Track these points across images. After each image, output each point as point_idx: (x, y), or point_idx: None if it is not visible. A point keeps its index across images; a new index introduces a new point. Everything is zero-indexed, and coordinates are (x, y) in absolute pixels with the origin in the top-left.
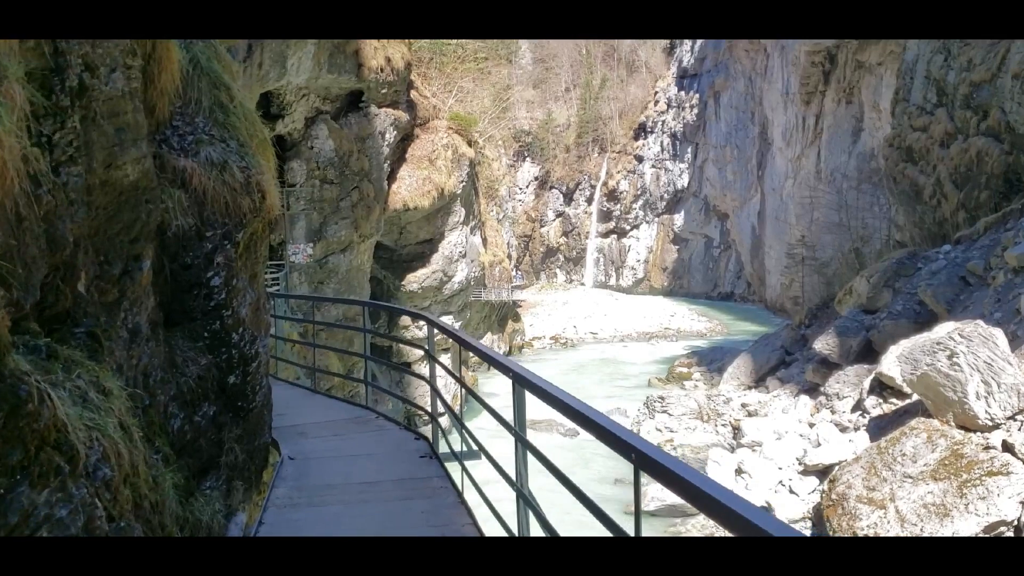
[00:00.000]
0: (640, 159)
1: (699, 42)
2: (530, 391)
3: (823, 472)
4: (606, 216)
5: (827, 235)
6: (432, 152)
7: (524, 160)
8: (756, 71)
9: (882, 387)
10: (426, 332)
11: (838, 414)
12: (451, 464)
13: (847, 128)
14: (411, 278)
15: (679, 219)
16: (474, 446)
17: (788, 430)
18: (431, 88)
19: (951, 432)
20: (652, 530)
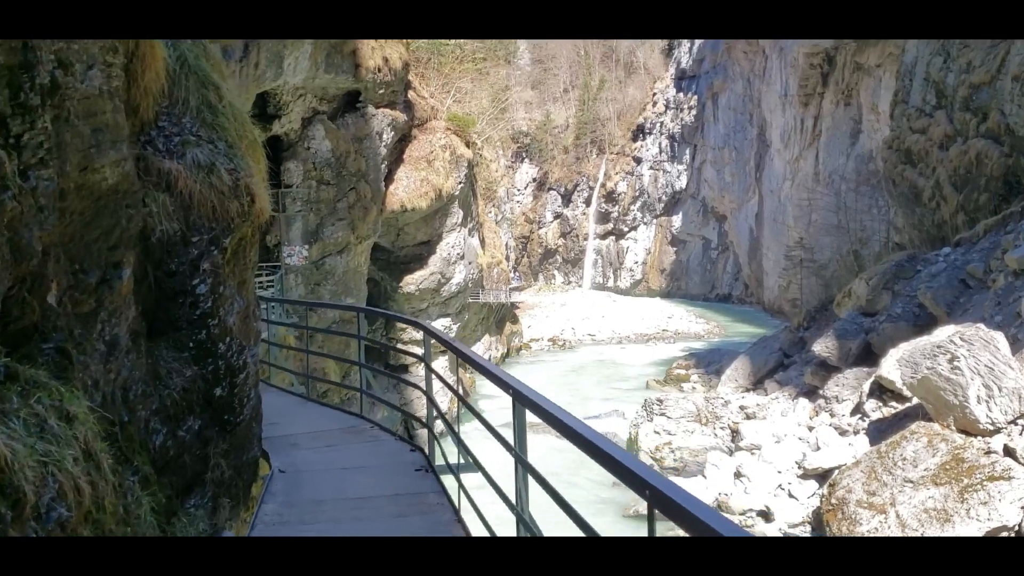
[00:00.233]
0: (638, 160)
1: (697, 43)
2: (531, 410)
3: (823, 476)
4: (604, 218)
5: (825, 237)
6: (430, 153)
7: (522, 161)
8: (754, 73)
9: (882, 390)
10: (423, 336)
11: (837, 417)
12: (448, 477)
13: (845, 130)
14: (408, 280)
15: (677, 221)
16: (471, 459)
17: (787, 433)
18: (429, 88)
19: (952, 436)
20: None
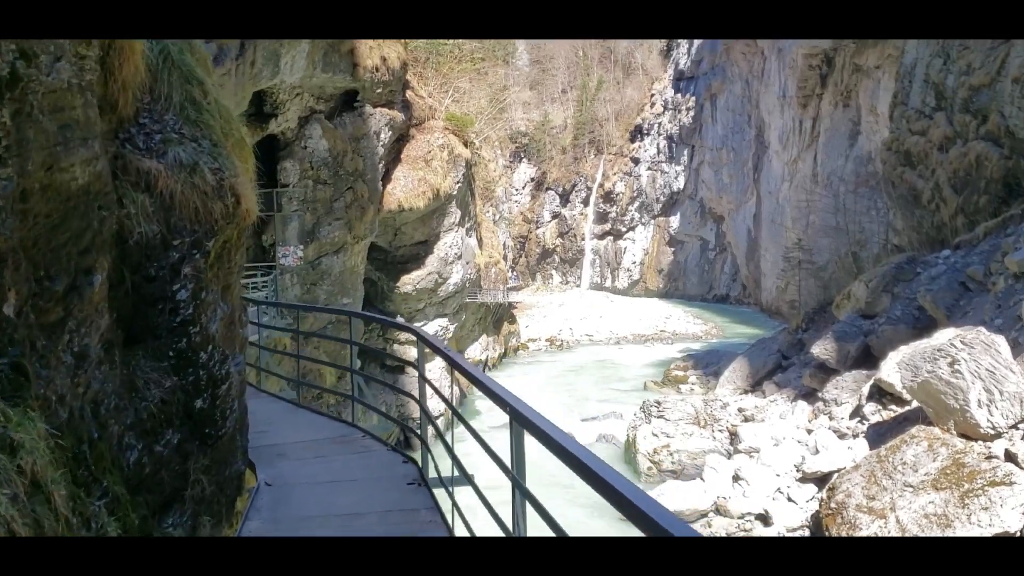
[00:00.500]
0: (636, 161)
1: (696, 44)
2: (530, 432)
3: (822, 480)
4: (602, 218)
5: (824, 239)
6: (428, 153)
7: (520, 161)
8: (753, 74)
9: (881, 393)
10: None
11: (836, 420)
12: (443, 490)
13: (844, 132)
14: (406, 280)
15: (675, 221)
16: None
17: (786, 436)
18: (427, 88)
19: (952, 440)
20: None
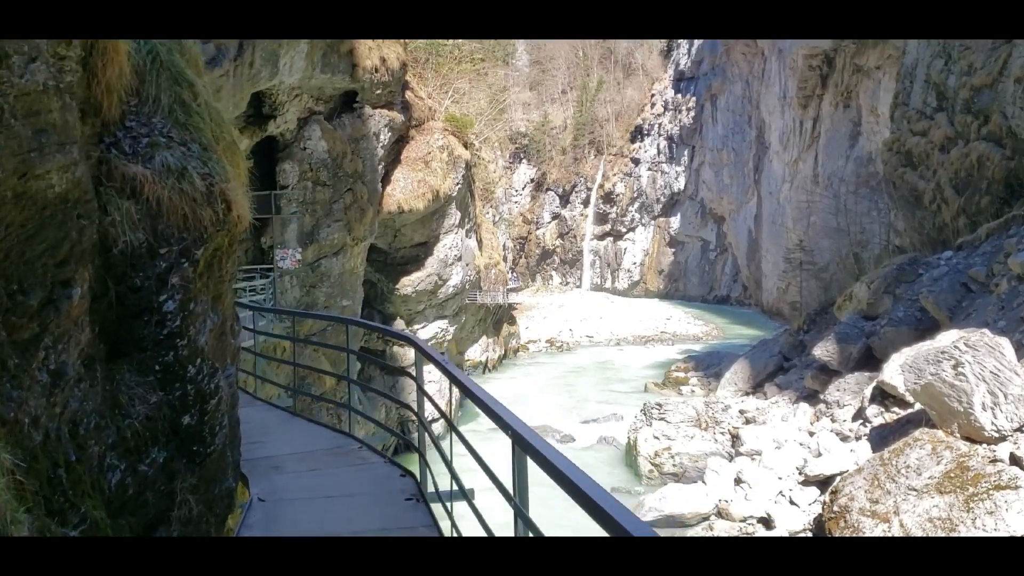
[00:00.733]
0: (636, 162)
1: (696, 45)
2: (532, 458)
3: (824, 483)
4: (602, 219)
5: (825, 240)
6: (427, 154)
7: (520, 162)
8: (753, 74)
9: (884, 396)
10: (421, 336)
11: (838, 423)
12: (440, 505)
13: (844, 132)
14: (405, 281)
15: (675, 222)
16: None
17: (788, 439)
18: (427, 89)
19: (956, 444)
20: None
